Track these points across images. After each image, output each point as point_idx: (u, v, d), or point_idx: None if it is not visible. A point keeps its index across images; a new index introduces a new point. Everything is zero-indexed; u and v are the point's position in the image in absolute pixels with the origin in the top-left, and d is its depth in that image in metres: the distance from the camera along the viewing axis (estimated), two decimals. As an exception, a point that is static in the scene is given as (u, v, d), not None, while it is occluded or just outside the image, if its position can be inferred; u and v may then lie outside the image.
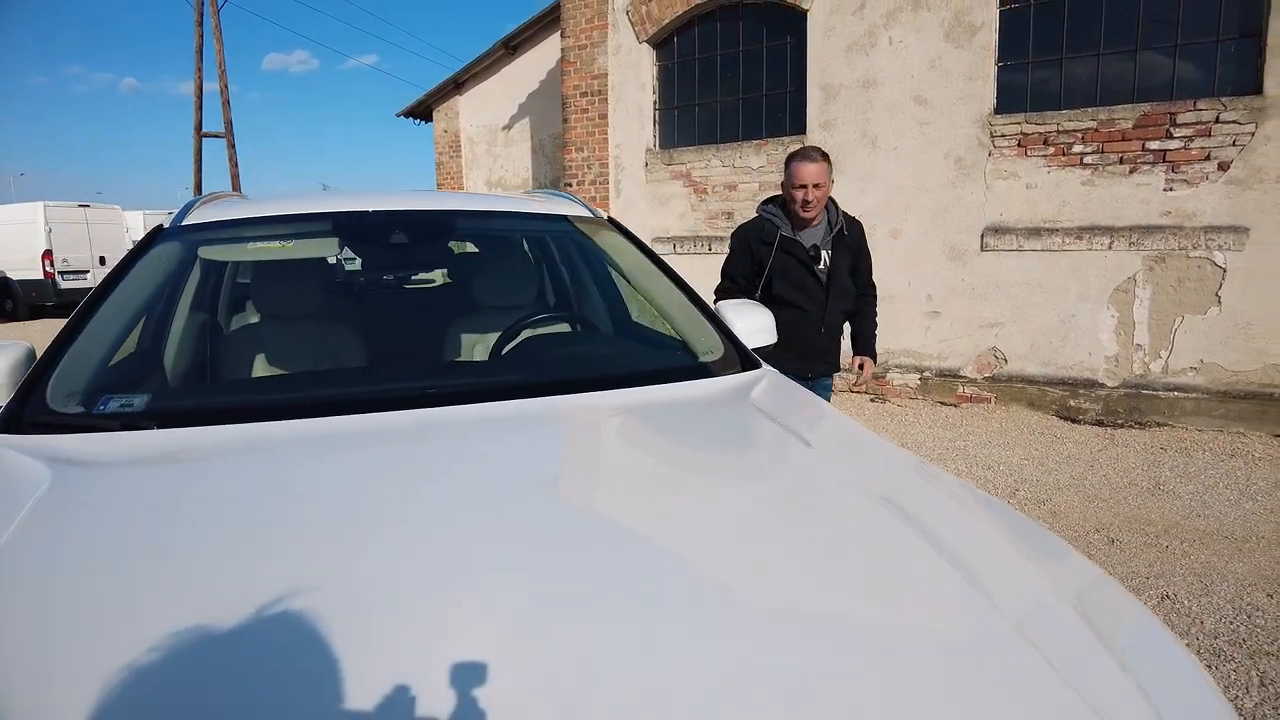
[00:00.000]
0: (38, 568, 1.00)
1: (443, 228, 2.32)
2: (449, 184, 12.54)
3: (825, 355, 3.24)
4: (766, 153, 7.61)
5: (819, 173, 3.02)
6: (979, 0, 6.44)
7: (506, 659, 0.82)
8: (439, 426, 1.48)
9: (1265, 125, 5.60)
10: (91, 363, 1.70)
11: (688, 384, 1.81)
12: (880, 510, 1.25)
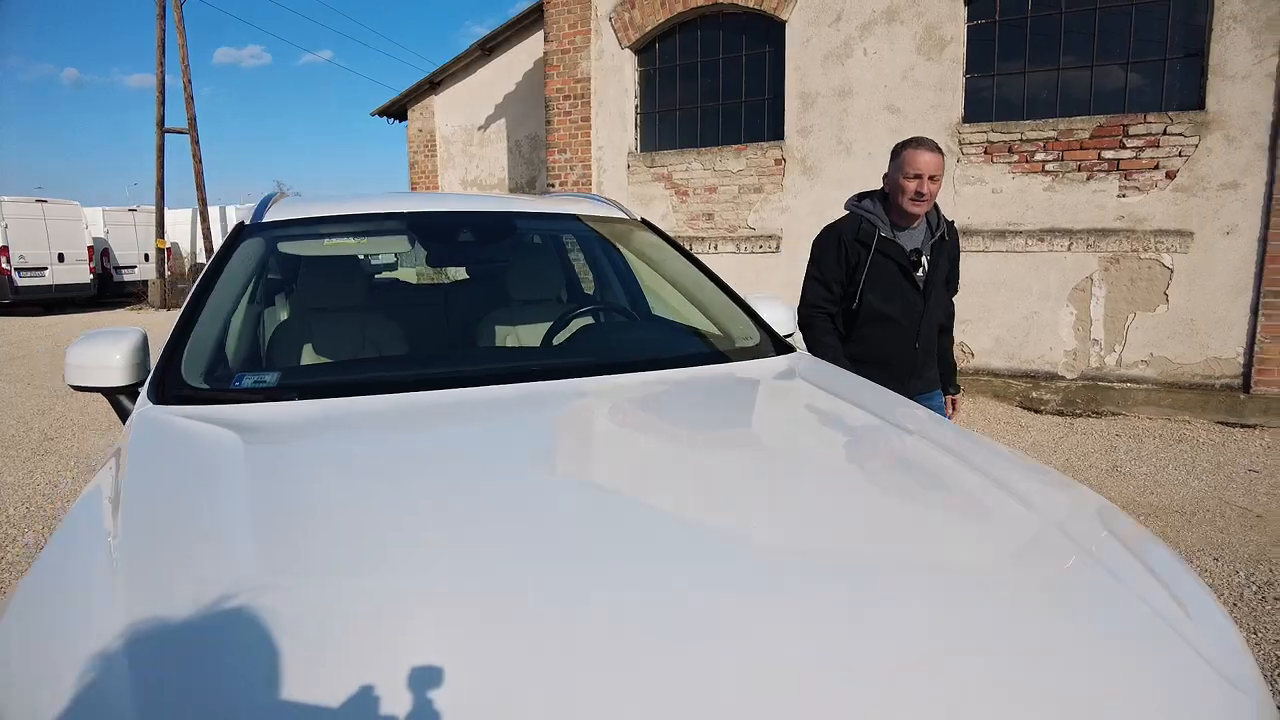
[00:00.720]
0: (290, 503, 1.22)
1: (504, 227, 2.56)
2: (423, 183, 12.63)
3: (921, 372, 2.83)
4: (746, 157, 7.92)
5: (936, 163, 2.61)
6: (949, 15, 6.83)
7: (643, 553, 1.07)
8: (548, 396, 1.73)
9: (1207, 138, 6.08)
10: (210, 343, 1.90)
11: (740, 364, 2.08)
12: (932, 450, 1.54)
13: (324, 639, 0.88)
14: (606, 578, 1.02)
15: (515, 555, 1.06)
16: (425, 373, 1.90)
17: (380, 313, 2.29)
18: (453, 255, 2.52)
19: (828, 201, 7.55)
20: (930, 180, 2.61)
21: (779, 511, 1.26)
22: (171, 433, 1.55)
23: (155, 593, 0.97)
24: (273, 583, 1.00)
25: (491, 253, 2.54)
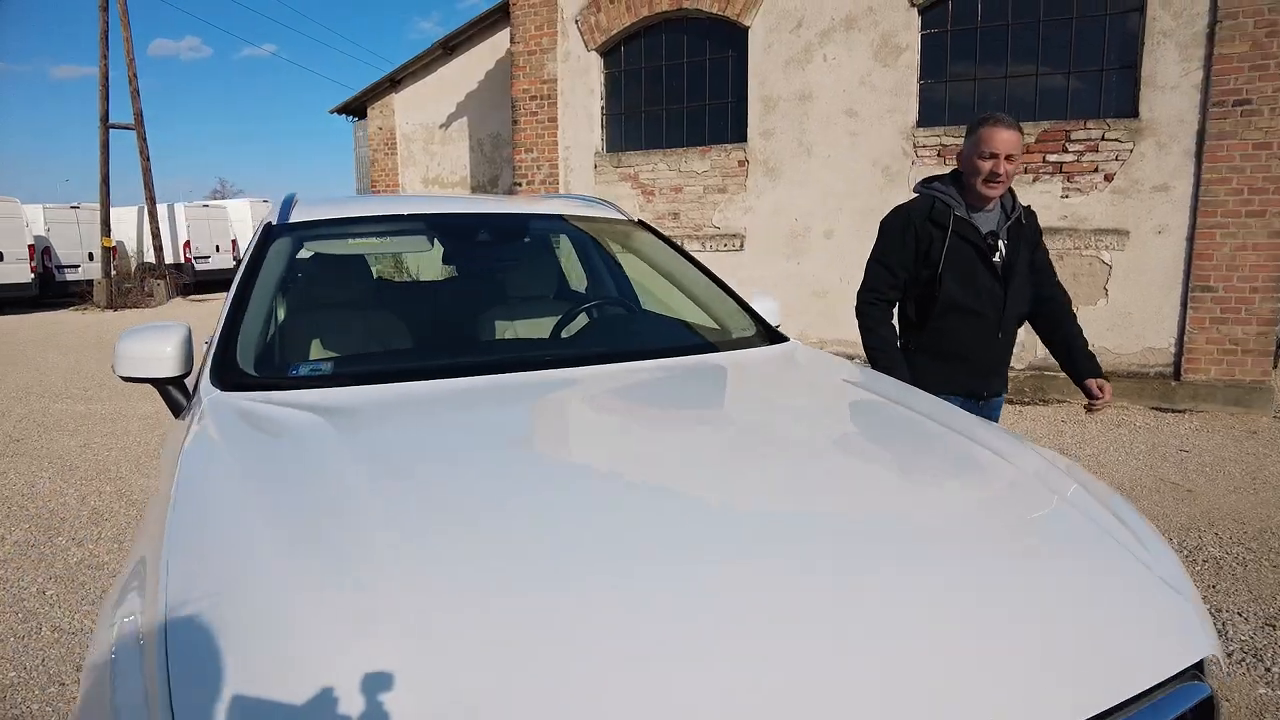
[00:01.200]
0: (396, 466, 1.41)
1: (517, 227, 2.73)
2: (383, 181, 12.60)
3: (999, 369, 2.64)
4: (710, 158, 8.16)
5: (1014, 141, 2.42)
6: (904, 24, 7.17)
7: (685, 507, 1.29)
8: (586, 379, 1.93)
9: (1141, 144, 6.52)
10: (256, 336, 2.04)
11: (743, 351, 2.29)
12: (919, 418, 1.78)
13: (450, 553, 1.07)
14: (670, 523, 1.23)
15: (605, 511, 1.26)
16: (463, 361, 2.08)
17: (409, 305, 2.45)
18: (470, 253, 2.68)
19: (790, 201, 7.85)
20: (1007, 160, 2.42)
21: (790, 474, 1.49)
22: (257, 415, 1.69)
23: (323, 543, 1.15)
24: (418, 540, 1.17)
25: (507, 251, 2.71)
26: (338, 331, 2.23)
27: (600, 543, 1.16)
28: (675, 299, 2.72)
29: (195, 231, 20.37)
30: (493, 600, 1.01)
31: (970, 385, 2.59)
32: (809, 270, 7.80)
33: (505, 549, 1.13)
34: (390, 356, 2.16)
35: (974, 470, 1.55)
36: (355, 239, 2.52)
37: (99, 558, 3.79)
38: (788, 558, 1.14)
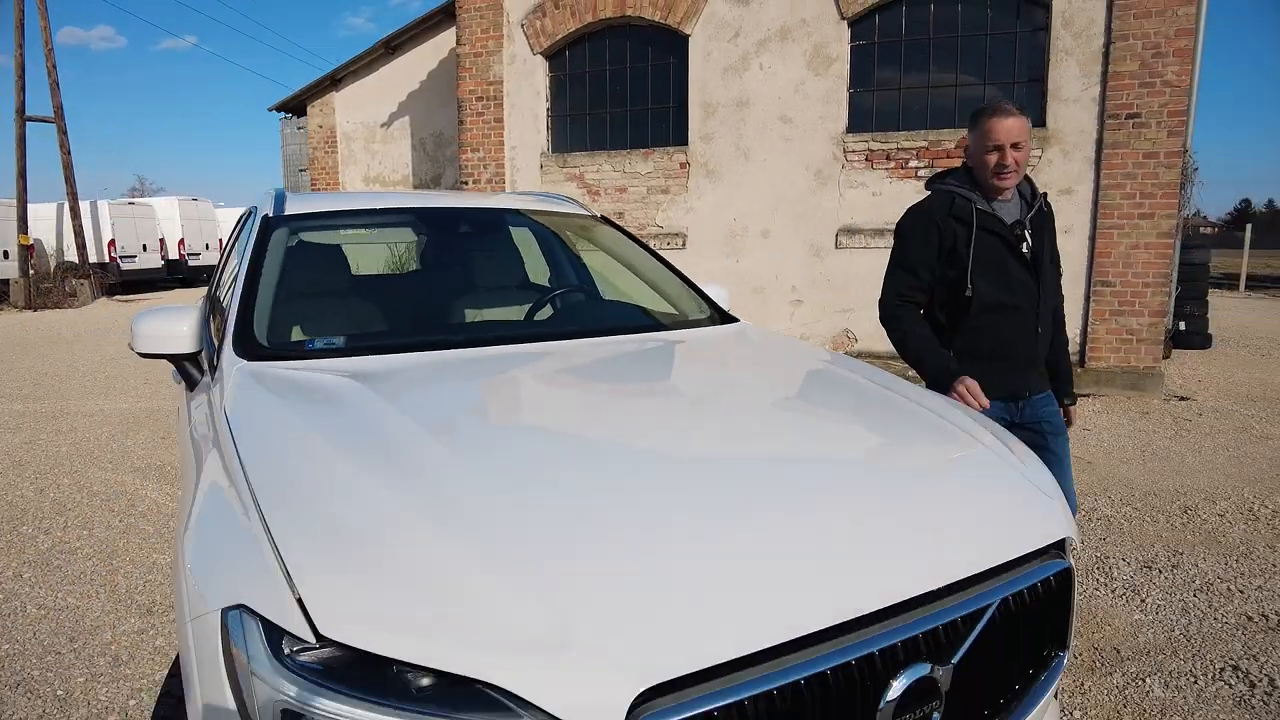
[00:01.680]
0: (429, 414, 1.67)
1: (493, 220, 2.98)
2: (323, 180, 12.55)
3: (1039, 363, 2.51)
4: (653, 160, 8.49)
5: (1019, 128, 2.32)
6: (834, 36, 7.63)
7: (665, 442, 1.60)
8: (568, 350, 2.22)
9: (1048, 151, 7.12)
10: (267, 314, 2.25)
11: (694, 330, 2.61)
12: (855, 377, 2.13)
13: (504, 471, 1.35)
14: (651, 444, 1.59)
15: (602, 443, 1.56)
16: (458, 335, 2.34)
17: (400, 287, 2.69)
18: (451, 243, 2.92)
19: (729, 202, 8.24)
20: (1014, 149, 2.32)
21: (739, 416, 1.85)
22: (291, 378, 1.92)
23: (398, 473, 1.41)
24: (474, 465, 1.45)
25: (485, 241, 2.96)
26: (339, 310, 2.46)
27: (602, 464, 1.48)
28: (636, 286, 3.02)
29: (120, 230, 19.73)
30: (530, 490, 1.33)
31: (1011, 385, 2.44)
32: (747, 267, 8.20)
33: (534, 460, 1.45)
34: (392, 332, 2.40)
35: (891, 410, 1.90)
36: (345, 230, 2.74)
37: (69, 544, 3.88)
38: (737, 473, 1.48)
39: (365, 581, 1.14)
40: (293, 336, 2.23)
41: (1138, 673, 2.64)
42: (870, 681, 1.16)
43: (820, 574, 1.21)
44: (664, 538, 1.23)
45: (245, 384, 1.88)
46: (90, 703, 2.55)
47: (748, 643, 1.08)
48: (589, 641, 1.04)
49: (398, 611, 1.09)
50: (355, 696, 1.05)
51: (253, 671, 1.10)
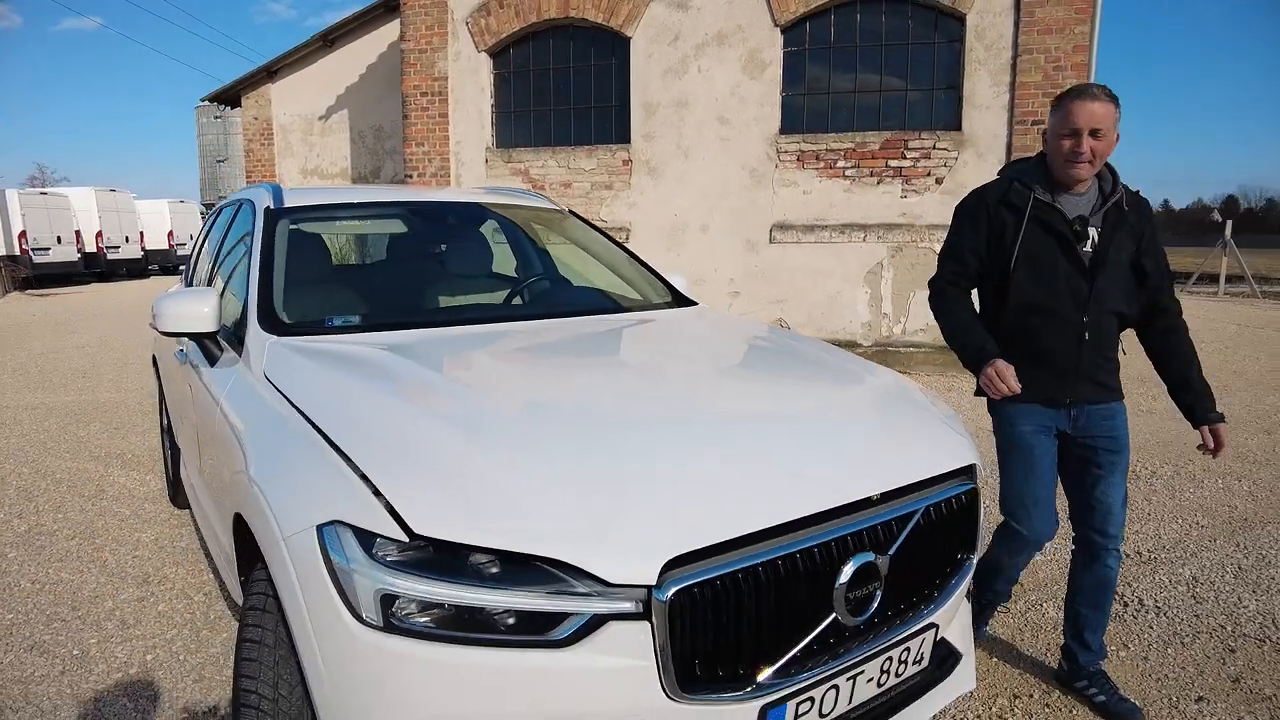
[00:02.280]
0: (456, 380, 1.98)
1: (473, 213, 3.26)
2: (259, 172, 12.42)
3: (1091, 373, 2.29)
4: (596, 157, 8.80)
5: (1104, 115, 2.13)
6: (769, 42, 8.08)
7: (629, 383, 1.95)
8: (552, 327, 2.54)
9: (964, 153, 7.73)
10: (282, 295, 2.50)
11: (660, 311, 2.96)
12: (799, 346, 2.51)
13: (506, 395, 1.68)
14: (628, 386, 1.92)
15: (583, 390, 1.91)
16: (461, 314, 2.66)
17: (397, 271, 2.97)
18: (436, 233, 3.20)
19: (670, 198, 8.63)
20: (1093, 136, 2.12)
21: (696, 370, 2.24)
22: (318, 349, 2.19)
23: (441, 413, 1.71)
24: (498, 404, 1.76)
25: (465, 231, 3.24)
26: (345, 292, 2.72)
27: (602, 405, 1.86)
28: (603, 273, 3.35)
29: (32, 221, 18.89)
30: (551, 424, 1.68)
31: (1048, 390, 2.28)
32: (687, 260, 8.59)
33: (549, 403, 1.82)
34: (398, 311, 2.69)
35: (830, 369, 2.32)
36: (340, 221, 2.98)
37: (46, 526, 3.98)
38: (715, 411, 1.87)
39: (439, 492, 1.45)
40: (309, 315, 2.48)
41: (1037, 600, 3.13)
42: (828, 565, 1.54)
43: (790, 480, 1.58)
44: (663, 457, 1.58)
45: (281, 353, 2.15)
46: (108, 659, 2.75)
47: (738, 528, 1.44)
48: (627, 525, 1.38)
49: (470, 513, 1.41)
50: (440, 579, 1.37)
51: (354, 570, 1.40)
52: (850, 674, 1.59)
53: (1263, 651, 2.78)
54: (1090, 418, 2.33)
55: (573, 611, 1.34)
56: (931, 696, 1.87)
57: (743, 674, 1.45)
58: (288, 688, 1.56)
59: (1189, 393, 2.33)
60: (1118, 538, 2.40)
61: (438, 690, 1.35)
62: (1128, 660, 2.72)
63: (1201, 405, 2.32)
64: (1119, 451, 2.36)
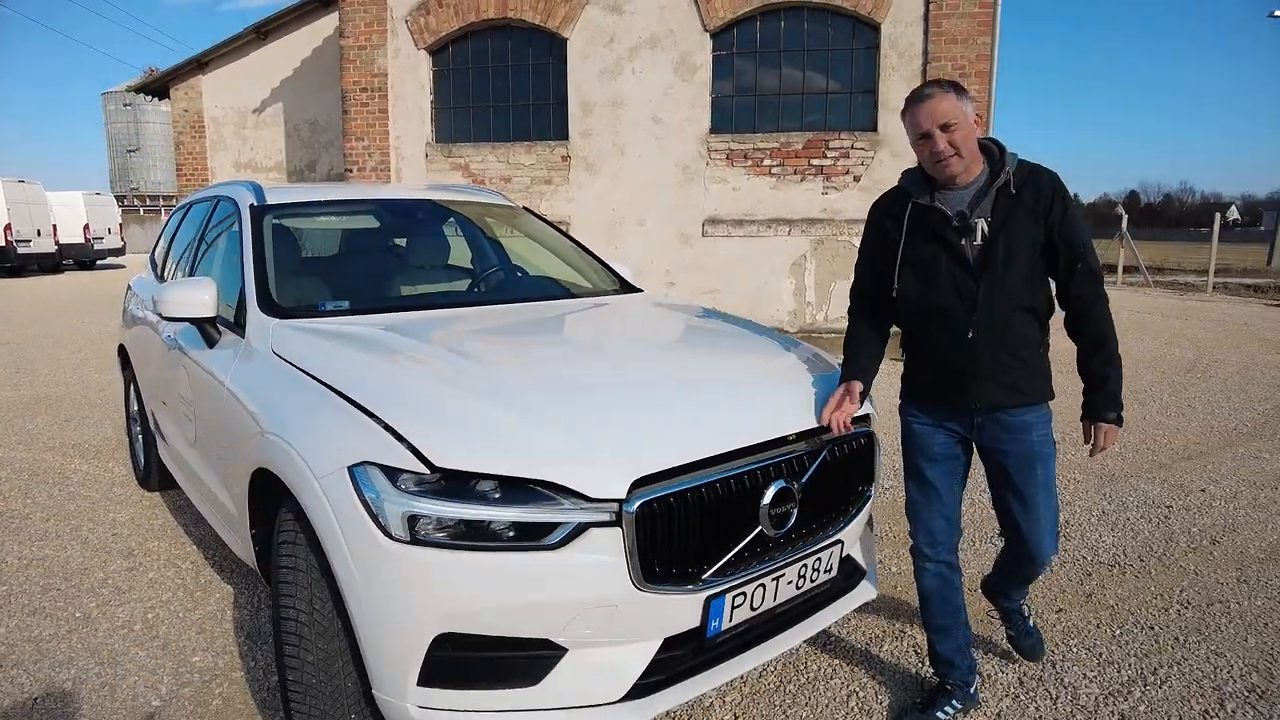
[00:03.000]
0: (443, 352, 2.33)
1: (440, 209, 3.59)
2: (190, 166, 12.29)
3: (994, 374, 2.14)
4: (536, 153, 9.12)
5: (947, 108, 2.04)
6: (699, 46, 8.54)
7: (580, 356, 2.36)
8: (521, 310, 2.92)
9: (879, 153, 8.34)
10: (274, 283, 2.80)
11: (611, 297, 3.36)
12: (732, 325, 2.95)
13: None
14: (579, 352, 2.31)
15: (534, 346, 2.30)
16: (439, 299, 3.03)
17: (376, 262, 3.28)
18: (408, 228, 3.52)
19: (608, 194, 9.02)
20: (945, 131, 2.04)
21: (650, 347, 2.65)
22: (318, 329, 2.50)
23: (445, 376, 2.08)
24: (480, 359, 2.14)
25: (432, 226, 3.57)
26: (331, 281, 3.03)
27: (571, 361, 2.30)
28: (557, 264, 3.73)
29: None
30: (535, 376, 2.04)
31: (948, 396, 2.21)
32: (625, 253, 8.99)
33: (527, 362, 2.21)
34: (382, 297, 3.02)
35: (752, 342, 2.75)
36: (319, 216, 3.29)
37: (17, 510, 4.14)
38: (664, 369, 2.30)
39: (450, 434, 1.82)
40: (302, 301, 2.79)
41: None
42: (755, 488, 1.97)
43: (725, 422, 2.01)
44: (626, 405, 2.00)
45: (286, 333, 2.47)
46: (110, 619, 3.01)
47: (686, 457, 1.86)
48: (601, 455, 1.79)
49: (478, 448, 1.78)
50: (454, 501, 1.74)
51: (384, 500, 1.76)
52: (774, 575, 2.03)
53: (1112, 574, 3.35)
54: (998, 426, 2.18)
55: (561, 521, 1.73)
56: (840, 603, 2.33)
57: (691, 572, 1.87)
58: (320, 602, 1.92)
59: (1086, 385, 2.19)
60: (1039, 561, 2.30)
61: (456, 586, 1.73)
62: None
63: (1092, 400, 2.19)
64: (1032, 466, 2.19)
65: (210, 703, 2.47)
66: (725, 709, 2.42)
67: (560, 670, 1.79)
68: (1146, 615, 2.99)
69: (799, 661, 2.68)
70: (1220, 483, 4.51)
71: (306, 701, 1.92)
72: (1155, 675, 2.59)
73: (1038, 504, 2.22)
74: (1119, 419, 2.18)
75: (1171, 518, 3.98)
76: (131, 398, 4.43)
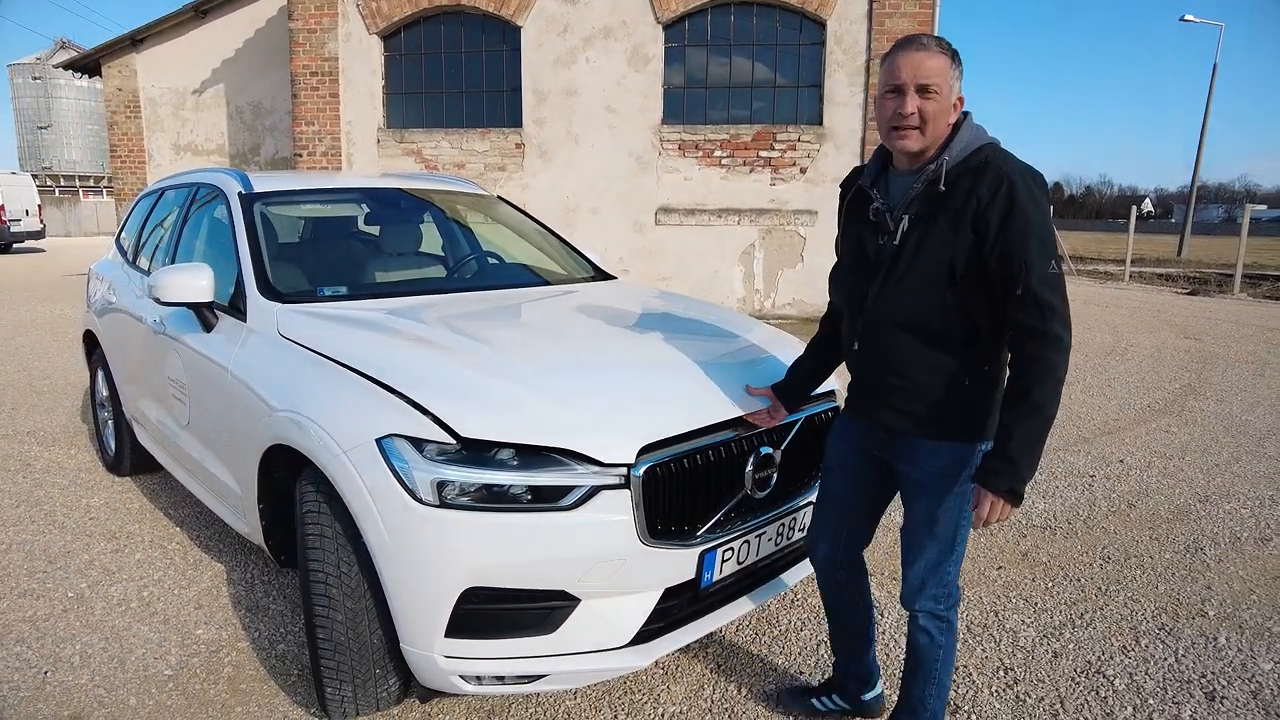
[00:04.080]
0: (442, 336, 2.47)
1: (419, 198, 3.71)
2: (125, 147, 11.92)
3: (883, 395, 1.89)
4: (490, 140, 9.18)
5: (937, 68, 1.72)
6: (651, 37, 8.72)
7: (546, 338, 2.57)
8: (491, 296, 3.08)
9: (825, 145, 8.67)
10: (270, 269, 2.90)
11: (586, 284, 3.54)
12: (703, 309, 3.16)
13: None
14: (554, 331, 2.50)
15: (506, 328, 2.49)
16: (424, 285, 3.15)
17: (367, 249, 3.40)
18: (390, 215, 3.63)
19: (562, 181, 9.15)
20: (922, 94, 1.72)
21: (643, 329, 2.82)
22: (322, 312, 2.62)
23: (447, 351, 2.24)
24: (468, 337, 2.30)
25: (413, 214, 3.68)
26: (327, 266, 3.14)
27: (568, 343, 2.47)
28: (535, 252, 3.89)
29: None
30: (535, 356, 2.22)
31: (856, 406, 2.02)
32: (580, 241, 9.04)
33: (529, 344, 2.37)
34: (378, 284, 3.15)
35: (730, 324, 2.96)
36: (306, 204, 3.38)
37: (-16, 497, 4.12)
38: (653, 352, 2.47)
39: (473, 407, 2.00)
40: (299, 286, 2.91)
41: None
42: (741, 455, 2.20)
43: (716, 396, 2.23)
44: (630, 381, 2.21)
45: (290, 317, 2.59)
46: (105, 598, 3.08)
47: (685, 426, 2.07)
48: (610, 425, 1.99)
49: (498, 418, 1.97)
50: (479, 468, 1.93)
51: (413, 468, 1.93)
52: (757, 533, 2.26)
53: (1044, 535, 3.71)
54: (899, 448, 1.92)
55: (576, 485, 1.93)
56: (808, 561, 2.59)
57: (687, 530, 2.09)
58: (347, 565, 2.08)
59: (1000, 435, 1.73)
60: (913, 600, 1.96)
61: (482, 544, 1.91)
62: (950, 547, 3.59)
63: (986, 463, 1.74)
64: (920, 495, 1.90)
65: (222, 670, 2.59)
66: (708, 659, 2.66)
67: (574, 619, 1.99)
68: (1074, 569, 3.34)
69: (772, 615, 2.93)
70: (1135, 454, 4.96)
71: (336, 658, 2.08)
72: (1082, 619, 2.93)
73: (917, 536, 1.92)
74: (1013, 495, 1.70)
75: (1094, 486, 4.38)
76: (100, 383, 4.42)
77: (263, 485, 2.52)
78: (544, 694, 2.43)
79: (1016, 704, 2.43)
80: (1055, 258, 1.69)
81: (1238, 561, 3.45)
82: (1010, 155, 1.75)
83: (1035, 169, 1.74)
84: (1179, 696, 2.47)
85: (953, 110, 1.78)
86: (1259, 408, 6.18)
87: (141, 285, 3.66)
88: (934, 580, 1.94)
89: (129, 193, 11.67)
